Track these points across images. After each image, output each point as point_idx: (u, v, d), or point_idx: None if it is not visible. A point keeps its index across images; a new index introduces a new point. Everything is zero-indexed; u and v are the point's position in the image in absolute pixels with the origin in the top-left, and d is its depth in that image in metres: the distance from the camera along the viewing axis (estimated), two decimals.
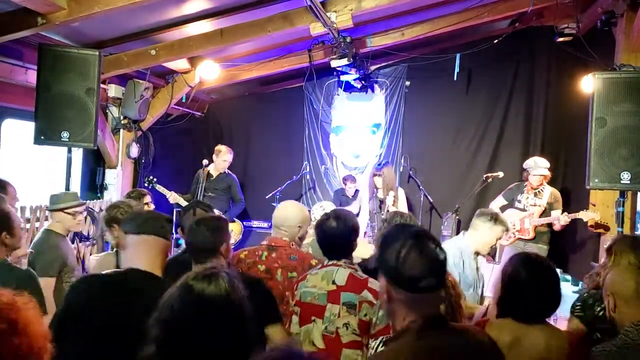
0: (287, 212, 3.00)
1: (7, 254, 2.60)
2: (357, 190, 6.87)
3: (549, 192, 5.56)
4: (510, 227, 5.62)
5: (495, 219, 3.60)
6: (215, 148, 6.47)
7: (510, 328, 2.09)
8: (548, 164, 5.56)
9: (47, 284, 3.05)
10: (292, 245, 2.91)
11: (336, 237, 2.55)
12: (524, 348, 2.04)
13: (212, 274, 1.49)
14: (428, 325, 1.54)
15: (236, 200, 6.40)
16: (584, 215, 5.20)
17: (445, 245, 3.71)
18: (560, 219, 5.33)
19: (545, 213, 5.51)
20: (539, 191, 5.57)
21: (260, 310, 1.60)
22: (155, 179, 5.98)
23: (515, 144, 6.90)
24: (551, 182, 6.67)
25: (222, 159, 6.33)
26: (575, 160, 6.12)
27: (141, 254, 2.08)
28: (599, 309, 2.50)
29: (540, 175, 5.51)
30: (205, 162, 6.30)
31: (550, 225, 5.50)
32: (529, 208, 5.56)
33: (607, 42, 5.20)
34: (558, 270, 5.95)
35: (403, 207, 6.15)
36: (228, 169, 6.51)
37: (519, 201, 5.64)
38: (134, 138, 6.48)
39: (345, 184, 6.90)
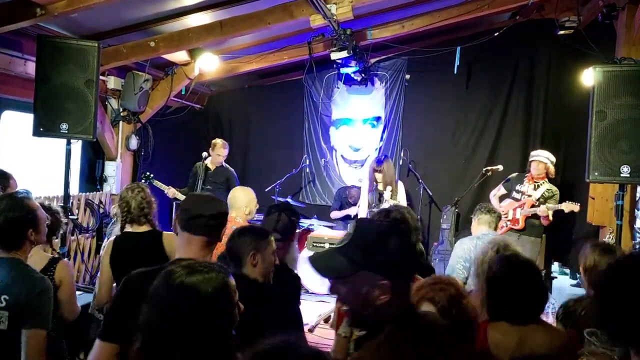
0: (239, 197, 3.78)
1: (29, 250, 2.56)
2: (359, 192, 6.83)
3: (546, 187, 5.57)
4: (503, 216, 5.66)
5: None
6: (212, 142, 6.46)
7: (512, 330, 2.09)
8: (553, 158, 5.59)
9: None
10: (237, 219, 3.62)
11: None
12: (530, 348, 2.04)
13: (205, 266, 1.53)
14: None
15: None
16: (565, 206, 5.31)
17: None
18: (541, 209, 5.38)
19: (537, 206, 5.52)
20: (537, 184, 5.58)
21: None
22: (152, 175, 5.97)
23: (515, 138, 6.89)
24: None
25: (216, 153, 6.27)
26: (575, 153, 6.12)
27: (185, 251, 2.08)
28: (580, 309, 2.46)
29: (541, 162, 5.53)
30: (204, 154, 6.30)
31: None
32: (524, 198, 5.57)
33: (608, 35, 5.19)
34: (556, 264, 5.95)
35: (402, 200, 6.15)
36: (228, 161, 6.51)
37: (517, 191, 5.66)
38: (133, 130, 6.47)
39: (349, 193, 6.87)
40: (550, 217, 5.41)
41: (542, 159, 5.55)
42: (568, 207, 5.32)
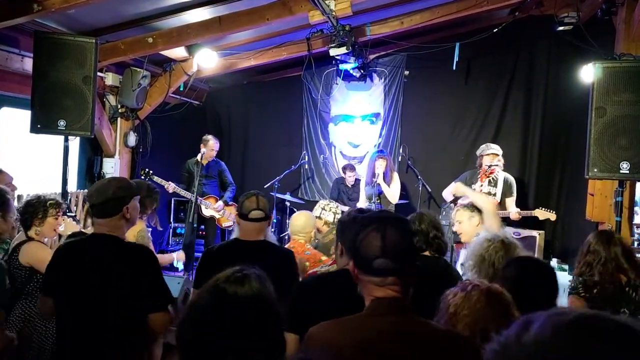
0: (302, 221, 3.78)
1: None
2: (357, 180, 6.84)
3: (503, 179, 5.51)
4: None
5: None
6: (203, 138, 6.53)
7: None
8: (501, 150, 5.58)
9: None
10: (307, 245, 3.72)
11: None
12: None
13: (244, 275, 1.47)
14: (380, 309, 1.56)
15: (228, 185, 6.71)
16: (539, 213, 5.29)
17: None
18: (513, 215, 5.30)
19: (500, 202, 5.47)
20: (492, 179, 5.52)
21: None
22: (151, 171, 5.98)
23: (514, 134, 6.88)
24: (551, 172, 6.68)
25: (210, 148, 6.46)
26: (574, 150, 6.12)
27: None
28: (595, 290, 2.81)
29: (493, 154, 5.49)
30: (203, 150, 6.31)
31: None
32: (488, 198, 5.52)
33: (607, 31, 5.17)
34: (555, 261, 5.93)
35: (396, 190, 6.16)
36: (227, 158, 6.57)
37: (474, 189, 5.63)
38: (132, 127, 6.45)
39: (345, 173, 6.87)
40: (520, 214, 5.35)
41: (494, 150, 5.52)
42: (543, 214, 5.29)
